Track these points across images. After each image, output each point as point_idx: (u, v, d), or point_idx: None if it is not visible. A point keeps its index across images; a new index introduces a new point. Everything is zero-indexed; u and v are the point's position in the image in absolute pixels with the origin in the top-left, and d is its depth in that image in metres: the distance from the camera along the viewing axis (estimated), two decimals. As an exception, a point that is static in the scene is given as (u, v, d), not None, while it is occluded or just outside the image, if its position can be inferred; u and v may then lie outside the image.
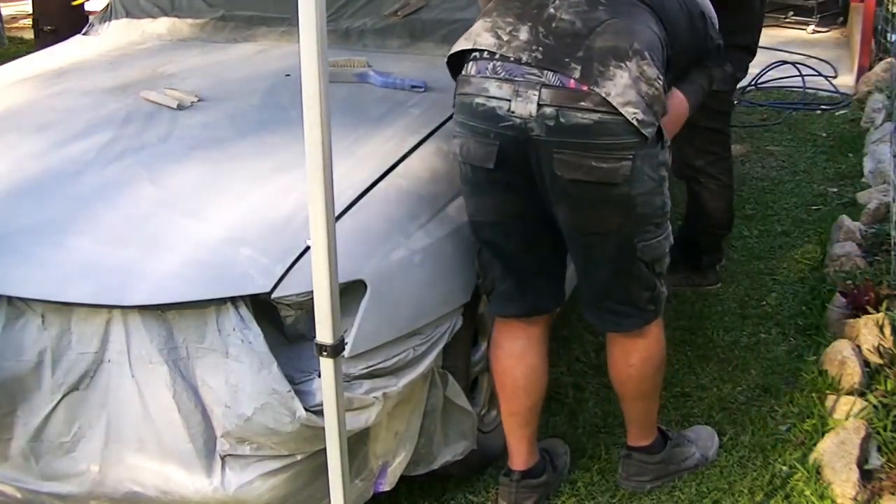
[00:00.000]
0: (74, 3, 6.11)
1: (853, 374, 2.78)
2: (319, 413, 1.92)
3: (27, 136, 2.47)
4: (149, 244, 2.03)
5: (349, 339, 1.96)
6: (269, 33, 3.06)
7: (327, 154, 1.56)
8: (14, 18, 8.40)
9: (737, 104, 5.46)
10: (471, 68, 2.13)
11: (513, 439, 2.41)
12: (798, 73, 6.01)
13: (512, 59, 2.06)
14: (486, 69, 2.09)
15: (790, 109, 5.61)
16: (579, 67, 1.99)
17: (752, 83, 5.92)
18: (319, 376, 1.88)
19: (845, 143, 5.03)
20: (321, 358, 1.68)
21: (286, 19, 3.02)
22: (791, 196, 4.41)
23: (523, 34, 2.07)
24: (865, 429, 2.49)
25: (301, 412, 1.91)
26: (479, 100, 2.09)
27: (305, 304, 1.95)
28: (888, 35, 5.71)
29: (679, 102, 2.28)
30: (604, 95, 1.97)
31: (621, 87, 1.98)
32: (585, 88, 1.99)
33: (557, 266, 2.33)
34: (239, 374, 1.92)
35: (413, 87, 2.60)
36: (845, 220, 3.78)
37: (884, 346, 2.84)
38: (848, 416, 2.64)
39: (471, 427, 2.35)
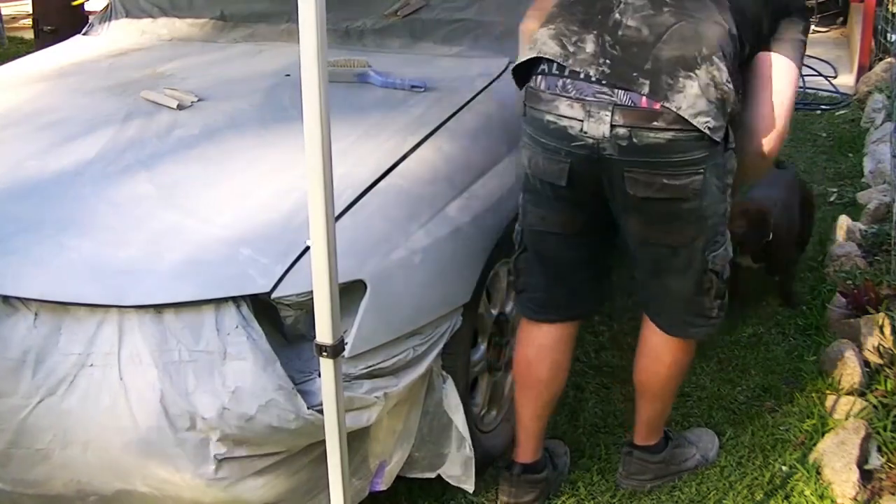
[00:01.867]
0: (74, 3, 6.11)
1: (853, 374, 2.78)
2: (321, 412, 1.92)
3: (27, 135, 2.47)
4: (149, 244, 2.03)
5: (349, 340, 1.96)
6: (269, 33, 3.06)
7: (327, 154, 1.56)
8: (14, 18, 8.40)
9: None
10: (539, 82, 2.11)
11: (523, 432, 2.42)
12: (798, 73, 6.00)
13: (581, 75, 2.03)
14: (556, 86, 2.07)
15: (790, 109, 5.60)
16: (648, 82, 1.98)
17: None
18: (320, 376, 1.89)
19: (845, 143, 5.03)
20: (321, 359, 1.68)
21: (286, 19, 3.02)
22: (791, 196, 4.41)
23: (589, 45, 2.04)
24: (865, 429, 2.49)
25: (304, 409, 1.91)
26: (549, 117, 2.08)
27: (305, 304, 1.95)
28: (888, 35, 5.72)
29: (787, 66, 2.17)
30: (675, 110, 1.96)
31: (692, 98, 1.96)
32: (658, 107, 1.97)
33: (605, 276, 2.39)
34: (240, 373, 1.91)
35: (413, 87, 2.60)
36: (845, 220, 3.78)
37: (884, 346, 2.84)
38: (848, 416, 2.64)
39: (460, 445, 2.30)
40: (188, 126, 2.45)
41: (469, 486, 2.33)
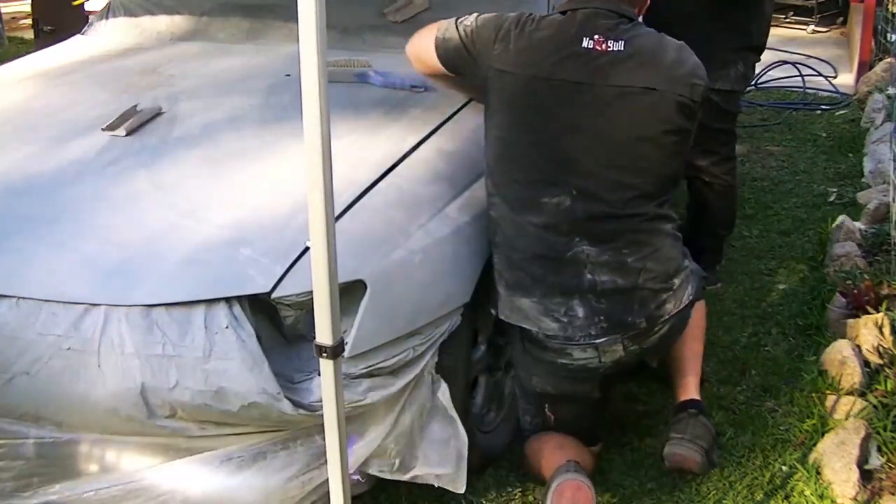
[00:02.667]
0: (74, 3, 6.11)
1: (853, 374, 2.78)
2: (315, 409, 1.93)
3: (26, 135, 2.47)
4: (148, 244, 2.03)
5: (349, 340, 1.95)
6: (269, 32, 3.06)
7: (327, 154, 1.56)
8: (14, 18, 8.39)
9: (737, 104, 5.47)
10: (540, 337, 2.26)
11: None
12: (798, 73, 6.01)
13: (583, 337, 2.23)
14: (558, 337, 2.24)
15: (790, 109, 5.61)
16: (643, 319, 2.22)
17: (753, 83, 5.91)
18: (319, 375, 1.89)
19: (845, 143, 5.03)
20: (321, 359, 1.68)
21: (286, 19, 3.02)
22: (791, 196, 4.41)
23: (580, 311, 2.21)
24: (865, 429, 2.49)
25: (289, 411, 1.91)
26: (563, 360, 2.27)
27: (305, 305, 1.95)
28: (888, 35, 5.72)
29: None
30: (669, 315, 2.26)
31: (676, 300, 2.25)
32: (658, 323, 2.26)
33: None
34: (224, 373, 1.91)
35: (413, 87, 2.60)
36: (845, 220, 3.78)
37: (884, 346, 2.83)
38: (848, 416, 2.63)
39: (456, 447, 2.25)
40: (188, 126, 2.45)
41: (459, 487, 2.24)
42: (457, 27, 2.32)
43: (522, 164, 2.22)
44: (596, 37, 2.18)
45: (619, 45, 2.19)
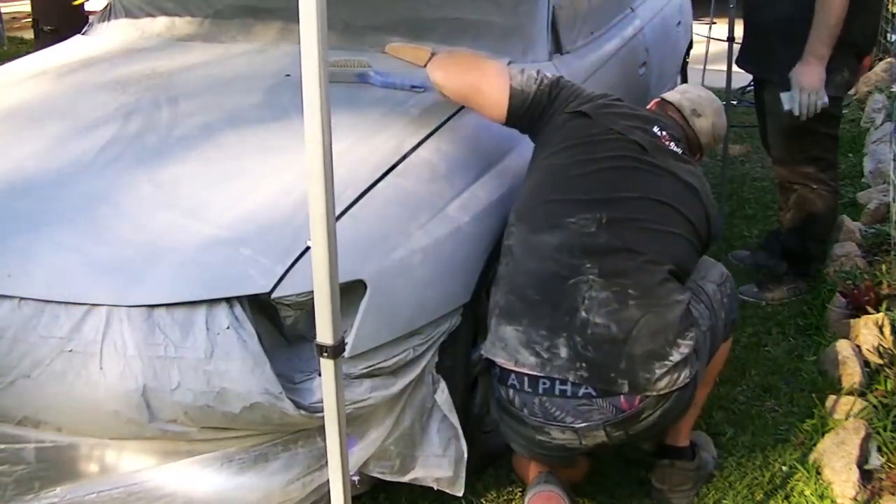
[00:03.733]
0: (74, 3, 6.11)
1: (853, 374, 2.78)
2: (316, 410, 1.93)
3: (26, 135, 2.47)
4: (148, 244, 2.03)
5: (349, 340, 1.96)
6: (269, 32, 3.06)
7: (328, 154, 1.56)
8: (14, 18, 8.40)
9: (736, 104, 5.47)
10: (514, 398, 2.15)
11: None
12: (798, 73, 5.99)
13: (567, 392, 2.08)
14: (534, 405, 2.12)
15: (790, 109, 5.59)
16: (626, 382, 2.06)
17: (752, 83, 5.90)
18: (319, 375, 1.89)
19: (845, 143, 5.03)
20: (322, 359, 1.68)
21: (286, 19, 3.02)
22: (791, 196, 4.40)
23: (563, 350, 2.07)
24: (865, 429, 2.49)
25: (291, 411, 1.91)
26: (542, 437, 2.15)
27: (305, 305, 1.95)
28: (888, 35, 5.72)
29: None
30: (656, 394, 2.08)
31: (670, 377, 2.08)
32: (637, 402, 2.08)
33: None
34: (226, 374, 1.91)
35: (413, 87, 2.59)
36: (845, 220, 3.79)
37: (884, 346, 2.84)
38: (848, 416, 2.64)
39: (457, 449, 2.24)
40: (188, 126, 2.45)
41: (458, 490, 2.23)
42: (535, 79, 2.39)
43: (562, 187, 2.22)
44: (664, 133, 2.35)
45: (679, 150, 2.36)
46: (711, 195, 2.38)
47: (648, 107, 2.57)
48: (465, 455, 2.22)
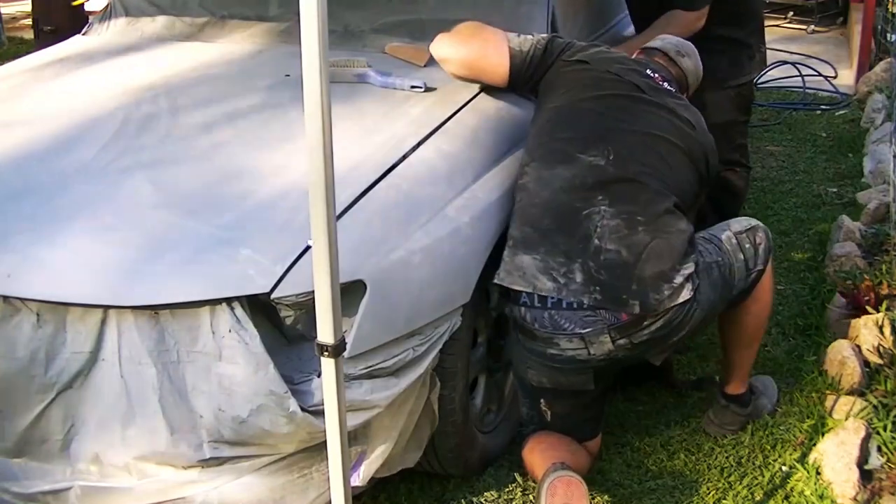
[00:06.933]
0: (74, 3, 6.11)
1: (853, 374, 2.78)
2: (317, 413, 1.92)
3: (26, 135, 2.47)
4: (148, 244, 2.03)
5: (349, 340, 1.95)
6: (269, 33, 3.06)
7: (328, 154, 1.56)
8: (14, 18, 8.40)
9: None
10: (525, 315, 2.24)
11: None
12: (798, 74, 6.01)
13: (574, 304, 2.19)
14: (545, 319, 2.21)
15: (790, 109, 5.61)
16: (638, 303, 2.18)
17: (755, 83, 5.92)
18: (319, 376, 1.89)
19: (845, 143, 5.03)
20: (322, 358, 1.68)
21: (286, 20, 3.02)
22: (791, 196, 4.41)
23: (578, 275, 2.19)
24: (865, 429, 2.49)
25: (298, 413, 1.91)
26: (553, 351, 2.24)
27: (305, 305, 1.95)
28: (888, 35, 5.71)
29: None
30: (665, 309, 2.19)
31: (676, 295, 2.19)
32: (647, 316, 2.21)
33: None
34: (233, 376, 1.91)
35: (413, 87, 2.60)
36: (845, 220, 3.78)
37: (883, 346, 2.84)
38: (848, 416, 2.64)
39: (427, 436, 2.29)
40: (188, 126, 2.45)
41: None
42: (531, 40, 2.58)
43: (571, 125, 2.40)
44: (656, 74, 2.56)
45: (672, 88, 2.57)
46: (708, 131, 2.54)
47: (633, 57, 2.74)
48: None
